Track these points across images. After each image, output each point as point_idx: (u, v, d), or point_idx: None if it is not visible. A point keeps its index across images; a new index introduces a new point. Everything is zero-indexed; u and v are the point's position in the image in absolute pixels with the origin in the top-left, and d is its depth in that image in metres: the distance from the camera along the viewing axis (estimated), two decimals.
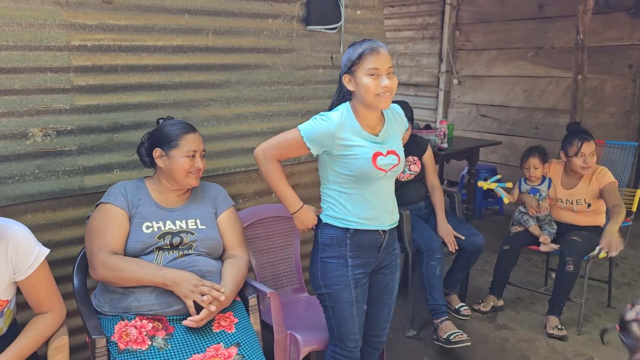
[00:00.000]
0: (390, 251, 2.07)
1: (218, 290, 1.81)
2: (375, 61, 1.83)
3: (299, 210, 2.02)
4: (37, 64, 2.17)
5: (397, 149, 2.00)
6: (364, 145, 1.90)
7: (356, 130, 1.91)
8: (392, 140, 2.00)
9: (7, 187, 2.17)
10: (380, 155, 1.91)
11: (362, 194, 1.93)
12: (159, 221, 1.93)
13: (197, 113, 2.67)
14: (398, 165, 1.98)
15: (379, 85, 1.84)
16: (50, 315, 1.68)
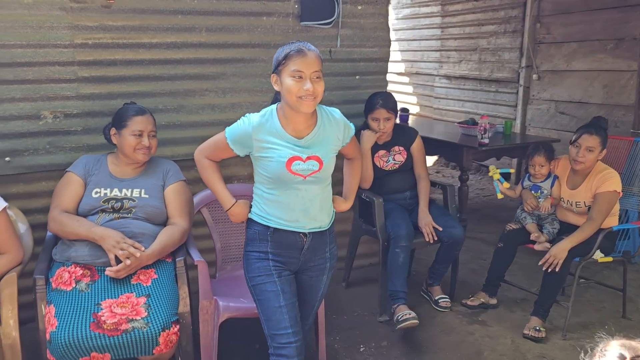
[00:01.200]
0: (318, 255, 2.01)
1: (137, 249, 2.12)
2: (300, 63, 1.80)
3: (231, 208, 2.01)
4: (46, 59, 2.67)
5: (322, 155, 1.92)
6: (279, 149, 1.87)
7: (277, 133, 1.88)
8: (319, 146, 1.92)
9: (24, 158, 2.71)
10: (298, 160, 1.87)
11: (280, 196, 1.91)
12: (107, 188, 2.30)
13: (193, 102, 3.02)
14: (319, 171, 1.91)
15: (301, 88, 1.80)
16: (6, 256, 2.13)
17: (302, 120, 1.90)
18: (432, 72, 7.37)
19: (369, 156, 3.00)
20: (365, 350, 2.75)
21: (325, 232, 2.03)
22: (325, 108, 2.03)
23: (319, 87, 1.84)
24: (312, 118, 1.94)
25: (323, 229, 2.01)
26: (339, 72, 3.31)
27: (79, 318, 1.98)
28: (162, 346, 2.03)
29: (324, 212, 2.00)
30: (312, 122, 1.94)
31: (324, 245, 2.04)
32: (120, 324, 1.99)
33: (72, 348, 1.92)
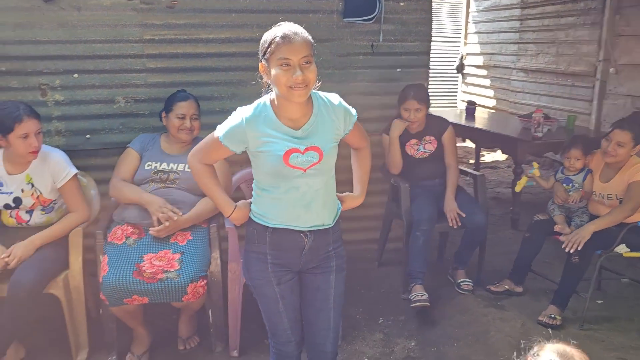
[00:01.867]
0: (322, 254, 1.90)
1: (175, 213, 2.51)
2: (286, 51, 1.68)
3: (232, 214, 1.92)
4: (120, 52, 3.15)
5: (321, 145, 1.79)
6: (276, 141, 1.75)
7: (272, 124, 1.77)
8: (318, 135, 1.80)
9: (101, 136, 3.23)
10: (296, 153, 1.75)
11: (279, 192, 1.80)
12: (157, 162, 2.72)
13: (244, 91, 3.38)
14: (319, 163, 1.79)
15: (290, 77, 1.67)
16: (75, 214, 2.62)
17: (296, 109, 1.77)
18: (510, 65, 7.25)
19: (395, 143, 3.19)
20: (383, 322, 2.98)
21: (329, 230, 1.90)
22: (321, 94, 1.89)
23: (310, 74, 1.69)
24: (308, 106, 1.81)
25: (326, 227, 1.89)
26: (381, 65, 3.52)
27: (125, 267, 2.40)
28: (190, 296, 2.40)
29: (327, 208, 1.89)
30: (307, 110, 1.80)
31: (327, 245, 1.91)
32: (157, 274, 2.39)
33: (118, 290, 2.36)
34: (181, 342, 2.75)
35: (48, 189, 2.58)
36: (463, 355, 2.67)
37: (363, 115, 3.47)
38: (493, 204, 5.09)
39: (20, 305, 2.38)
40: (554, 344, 1.23)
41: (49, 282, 2.50)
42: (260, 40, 1.83)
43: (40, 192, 2.56)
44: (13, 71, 3.03)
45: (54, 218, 2.66)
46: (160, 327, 2.82)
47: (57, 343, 2.70)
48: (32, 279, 2.39)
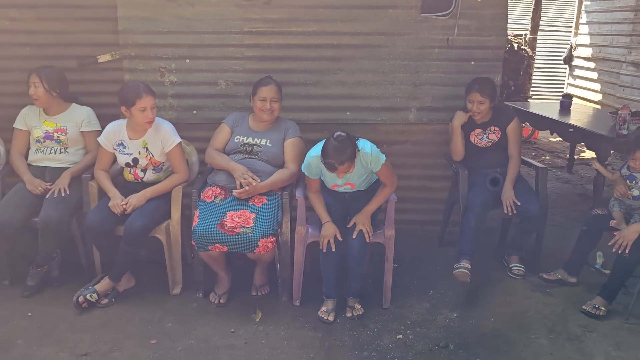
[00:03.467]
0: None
1: (254, 179, 3.01)
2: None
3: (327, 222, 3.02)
4: (223, 42, 3.71)
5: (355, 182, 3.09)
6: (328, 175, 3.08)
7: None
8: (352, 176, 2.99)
9: (205, 112, 3.83)
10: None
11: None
12: (244, 136, 3.23)
13: (327, 78, 3.80)
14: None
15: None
16: (178, 175, 3.23)
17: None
18: (620, 59, 6.94)
19: (457, 132, 3.43)
20: (432, 295, 3.29)
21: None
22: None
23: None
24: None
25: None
26: (455, 58, 3.75)
27: (211, 220, 2.95)
28: (261, 249, 2.90)
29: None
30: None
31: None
32: (235, 228, 2.91)
33: (204, 238, 2.91)
34: (254, 289, 3.27)
35: (158, 153, 3.20)
36: (497, 328, 2.91)
37: (436, 105, 3.80)
38: (578, 200, 5.09)
39: (133, 243, 3.04)
40: None
41: (155, 228, 3.13)
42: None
43: (153, 155, 3.19)
44: (139, 56, 3.70)
45: (162, 177, 3.28)
46: (239, 275, 3.36)
47: (158, 279, 3.34)
48: (142, 223, 3.04)
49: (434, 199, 3.95)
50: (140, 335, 2.87)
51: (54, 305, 3.13)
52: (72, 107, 3.40)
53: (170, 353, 2.73)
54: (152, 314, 3.06)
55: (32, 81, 3.23)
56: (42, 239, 3.14)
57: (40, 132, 3.34)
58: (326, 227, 2.99)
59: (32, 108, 3.40)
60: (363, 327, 2.97)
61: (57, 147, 3.36)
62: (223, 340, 2.84)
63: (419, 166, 3.96)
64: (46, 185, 3.23)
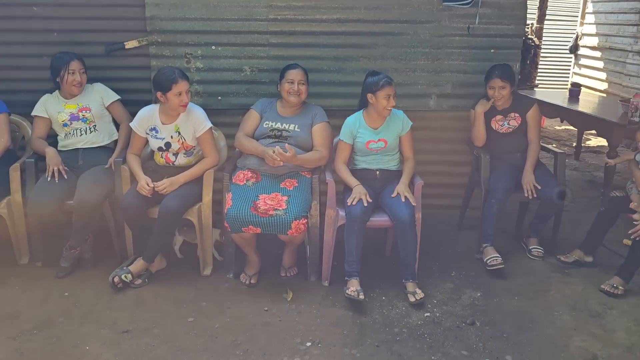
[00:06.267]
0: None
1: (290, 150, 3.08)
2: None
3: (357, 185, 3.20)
4: (249, 29, 3.77)
5: (387, 138, 3.30)
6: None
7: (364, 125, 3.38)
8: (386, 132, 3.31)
9: (230, 98, 3.90)
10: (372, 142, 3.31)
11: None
12: (273, 121, 3.31)
13: (350, 65, 3.87)
14: (384, 148, 3.32)
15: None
16: (208, 159, 3.31)
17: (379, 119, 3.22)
18: (626, 48, 7.04)
19: (480, 119, 3.53)
20: (455, 275, 3.40)
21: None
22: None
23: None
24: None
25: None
26: (475, 45, 3.83)
27: (244, 202, 3.04)
28: (294, 230, 2.99)
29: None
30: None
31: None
32: (269, 210, 3.00)
33: (238, 220, 3.00)
34: (283, 270, 3.36)
35: (190, 137, 3.28)
36: (521, 306, 3.03)
37: (456, 92, 3.88)
38: (587, 187, 5.20)
39: (167, 224, 3.12)
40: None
41: (187, 210, 3.21)
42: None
43: (185, 139, 3.27)
44: (166, 42, 3.76)
45: (192, 161, 3.36)
46: (268, 257, 3.45)
47: (189, 260, 3.43)
48: (176, 205, 3.12)
49: (452, 184, 4.05)
50: (176, 314, 2.96)
51: (88, 286, 3.21)
52: (85, 87, 3.47)
53: (208, 330, 2.83)
54: (185, 294, 3.15)
55: (74, 68, 3.29)
56: (77, 220, 3.21)
57: (65, 115, 3.41)
58: (357, 188, 3.15)
59: (51, 95, 3.46)
60: (392, 306, 3.07)
61: (84, 126, 3.42)
62: (258, 318, 2.94)
63: (438, 152, 4.05)
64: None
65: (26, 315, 2.93)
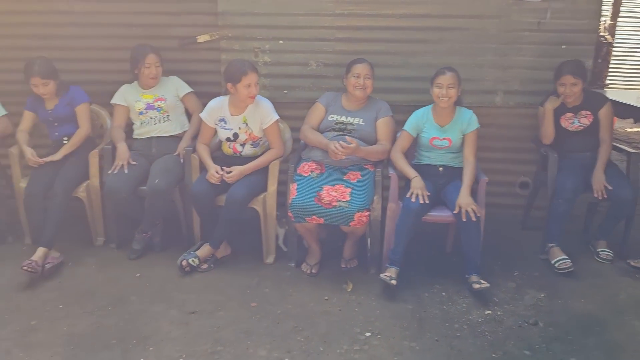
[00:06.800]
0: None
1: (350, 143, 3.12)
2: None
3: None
4: (316, 24, 3.83)
5: (453, 137, 3.30)
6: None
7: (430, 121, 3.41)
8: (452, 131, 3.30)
9: (295, 92, 3.98)
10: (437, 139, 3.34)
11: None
12: (338, 115, 3.36)
13: (415, 60, 3.87)
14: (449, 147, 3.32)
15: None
16: (274, 150, 3.40)
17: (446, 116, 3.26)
18: None
19: (549, 116, 3.44)
20: (518, 275, 3.34)
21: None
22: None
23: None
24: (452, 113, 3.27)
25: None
26: (545, 41, 3.74)
27: (308, 193, 3.11)
28: (356, 222, 3.03)
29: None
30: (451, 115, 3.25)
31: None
32: (332, 202, 3.05)
33: (302, 210, 3.07)
34: (343, 262, 3.41)
35: (257, 128, 3.38)
36: (588, 309, 2.95)
37: (524, 88, 3.81)
38: None
39: (233, 212, 3.24)
40: None
41: (253, 199, 3.31)
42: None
43: (252, 130, 3.37)
44: (236, 37, 3.88)
45: (259, 152, 3.46)
46: (329, 248, 3.51)
47: (253, 247, 3.54)
48: (243, 194, 3.23)
49: (516, 183, 3.97)
50: (240, 298, 3.07)
51: (158, 268, 3.37)
52: (161, 79, 3.63)
53: (270, 315, 2.91)
54: (249, 280, 3.25)
55: (150, 62, 3.46)
56: (149, 206, 3.38)
57: (142, 104, 3.58)
58: (415, 180, 3.15)
59: (130, 85, 3.65)
60: (452, 302, 3.06)
61: (159, 116, 3.59)
62: (318, 306, 3.00)
63: (502, 149, 3.98)
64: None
65: (102, 292, 3.12)
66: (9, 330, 2.77)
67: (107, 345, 2.66)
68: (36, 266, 3.14)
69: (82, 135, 3.57)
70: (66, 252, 3.44)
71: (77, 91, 3.59)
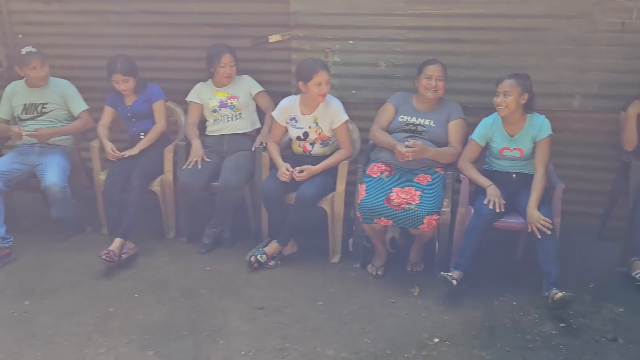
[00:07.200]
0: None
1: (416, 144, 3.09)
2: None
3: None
4: (386, 24, 3.80)
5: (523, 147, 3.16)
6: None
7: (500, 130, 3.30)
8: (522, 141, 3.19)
9: (363, 92, 3.96)
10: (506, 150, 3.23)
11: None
12: (409, 116, 3.33)
13: (488, 62, 3.75)
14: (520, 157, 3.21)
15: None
16: (343, 151, 3.40)
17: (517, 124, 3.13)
18: None
19: (632, 121, 3.26)
20: (593, 287, 3.20)
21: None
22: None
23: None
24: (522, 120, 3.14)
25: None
26: (630, 42, 3.54)
27: (378, 194, 3.09)
28: (425, 225, 3.00)
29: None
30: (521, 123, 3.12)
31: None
32: (401, 204, 3.03)
33: (371, 211, 3.06)
34: (409, 265, 3.38)
35: (327, 128, 3.39)
36: None
37: (603, 92, 3.64)
38: None
39: (302, 211, 3.27)
40: None
41: (321, 199, 3.33)
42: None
43: (322, 129, 3.39)
44: (307, 37, 3.91)
45: (328, 151, 3.48)
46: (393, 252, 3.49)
47: (319, 246, 3.56)
48: (312, 193, 3.26)
49: (594, 191, 3.80)
50: (307, 296, 3.09)
51: (227, 263, 3.46)
52: (234, 78, 3.70)
53: (336, 315, 2.92)
54: (315, 279, 3.28)
55: (225, 61, 3.55)
56: (220, 201, 3.47)
57: (216, 102, 3.67)
58: (491, 188, 3.08)
59: (204, 83, 3.75)
60: (523, 312, 2.97)
61: (232, 113, 3.67)
62: (385, 309, 2.98)
63: (578, 156, 3.82)
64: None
65: (173, 284, 3.22)
66: (89, 315, 2.91)
67: (179, 335, 2.75)
68: (113, 256, 3.28)
69: (158, 131, 3.70)
70: (139, 244, 3.57)
71: (154, 88, 3.73)
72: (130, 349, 2.65)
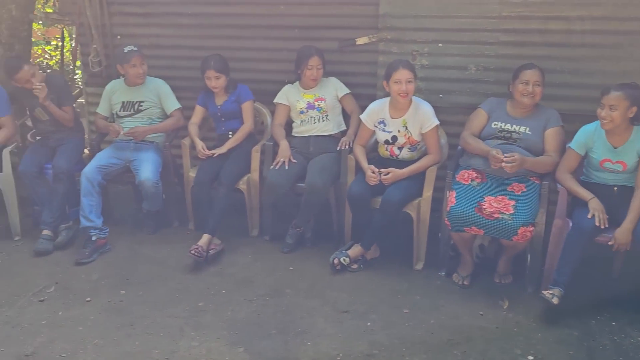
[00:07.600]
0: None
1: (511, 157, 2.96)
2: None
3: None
4: (478, 27, 3.69)
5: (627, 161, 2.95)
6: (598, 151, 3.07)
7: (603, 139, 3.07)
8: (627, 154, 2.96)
9: (452, 97, 3.87)
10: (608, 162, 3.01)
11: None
12: (503, 122, 3.21)
13: (587, 67, 3.58)
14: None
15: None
16: (432, 156, 3.33)
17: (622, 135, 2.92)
18: None
19: None
20: None
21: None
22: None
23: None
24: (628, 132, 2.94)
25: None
26: None
27: (469, 202, 3.00)
28: (519, 237, 2.88)
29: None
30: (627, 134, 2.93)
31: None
32: (494, 213, 2.93)
33: (461, 219, 2.98)
34: (497, 277, 3.27)
35: (416, 132, 3.34)
36: None
37: None
38: None
39: (388, 215, 3.23)
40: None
41: (407, 204, 3.28)
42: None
43: (411, 134, 3.34)
44: (395, 39, 3.86)
45: (415, 156, 3.42)
46: (481, 260, 3.39)
47: (403, 252, 3.51)
48: (399, 198, 3.22)
49: None
50: (391, 303, 3.06)
51: (310, 263, 3.48)
52: (321, 80, 3.71)
53: (423, 324, 2.87)
54: (399, 285, 3.23)
55: (313, 64, 3.58)
56: (305, 202, 3.49)
57: (303, 103, 3.70)
58: (593, 202, 2.90)
59: (292, 85, 3.79)
60: (624, 334, 2.80)
61: (318, 115, 3.69)
62: (473, 321, 2.90)
63: None
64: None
65: (259, 282, 3.28)
66: (180, 308, 3.01)
67: (268, 334, 2.78)
68: (202, 251, 3.37)
69: (246, 130, 3.77)
70: (224, 240, 3.65)
71: (243, 89, 3.80)
72: (221, 344, 2.71)
